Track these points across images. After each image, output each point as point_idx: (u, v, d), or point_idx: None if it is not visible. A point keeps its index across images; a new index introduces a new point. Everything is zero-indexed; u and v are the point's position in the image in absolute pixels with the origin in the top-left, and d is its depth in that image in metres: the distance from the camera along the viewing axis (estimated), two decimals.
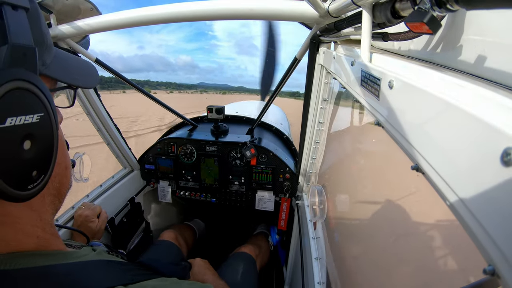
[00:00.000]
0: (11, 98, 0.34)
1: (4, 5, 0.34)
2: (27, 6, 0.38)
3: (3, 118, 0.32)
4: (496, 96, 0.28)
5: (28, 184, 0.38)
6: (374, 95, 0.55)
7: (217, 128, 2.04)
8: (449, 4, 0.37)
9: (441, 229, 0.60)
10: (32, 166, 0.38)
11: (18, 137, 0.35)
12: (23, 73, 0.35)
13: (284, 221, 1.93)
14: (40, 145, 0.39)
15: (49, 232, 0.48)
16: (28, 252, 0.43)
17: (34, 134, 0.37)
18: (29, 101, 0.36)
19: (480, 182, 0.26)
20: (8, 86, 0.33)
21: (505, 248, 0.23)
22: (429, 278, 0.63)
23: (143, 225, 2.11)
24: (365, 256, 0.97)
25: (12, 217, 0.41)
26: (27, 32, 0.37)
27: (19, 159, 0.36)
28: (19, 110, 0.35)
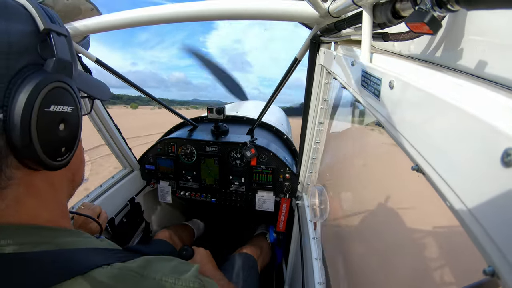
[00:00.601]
0: (55, 93, 0.48)
1: (52, 32, 0.48)
2: (66, 34, 0.53)
3: (49, 105, 0.46)
4: (497, 97, 0.28)
5: (58, 156, 0.50)
6: (374, 95, 0.55)
7: (218, 128, 2.04)
8: (449, 5, 0.37)
9: (441, 229, 0.60)
10: (63, 143, 0.51)
11: (56, 119, 0.49)
12: (64, 77, 0.50)
13: (283, 223, 1.93)
14: (69, 129, 0.52)
15: (62, 211, 0.58)
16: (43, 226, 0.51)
17: (67, 120, 0.51)
18: (66, 97, 0.51)
19: (480, 183, 0.26)
20: (54, 84, 0.47)
21: (505, 249, 0.23)
22: (429, 278, 0.63)
23: (143, 225, 2.11)
24: (365, 256, 0.97)
25: (37, 190, 0.51)
26: (67, 51, 0.52)
27: (56, 136, 0.49)
28: (59, 101, 0.49)
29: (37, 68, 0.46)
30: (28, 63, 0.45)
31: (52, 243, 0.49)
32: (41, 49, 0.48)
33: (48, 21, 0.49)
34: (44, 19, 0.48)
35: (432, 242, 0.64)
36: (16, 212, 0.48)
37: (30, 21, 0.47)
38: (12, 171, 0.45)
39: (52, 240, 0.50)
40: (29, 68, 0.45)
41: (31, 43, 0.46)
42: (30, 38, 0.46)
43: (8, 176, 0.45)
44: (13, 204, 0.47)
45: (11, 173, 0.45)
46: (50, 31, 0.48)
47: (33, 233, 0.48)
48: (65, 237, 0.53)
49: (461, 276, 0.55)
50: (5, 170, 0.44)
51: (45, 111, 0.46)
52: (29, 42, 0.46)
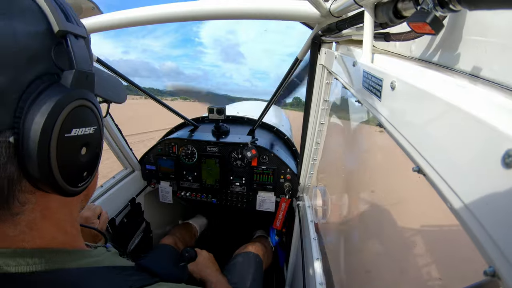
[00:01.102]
0: (77, 113, 0.41)
1: (69, 34, 0.40)
2: (85, 35, 0.45)
3: (70, 129, 0.40)
4: (498, 98, 0.28)
5: (79, 182, 0.45)
6: (375, 96, 0.55)
7: (218, 128, 2.04)
8: (451, 5, 0.36)
9: (442, 230, 0.59)
10: (85, 168, 0.46)
11: (78, 144, 0.43)
12: (86, 93, 0.43)
13: (280, 221, 1.93)
14: (92, 151, 0.46)
15: (75, 228, 0.53)
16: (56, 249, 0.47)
17: (89, 142, 0.45)
18: (89, 116, 0.44)
19: (481, 184, 0.26)
20: (75, 103, 0.40)
21: (506, 250, 0.23)
22: (429, 279, 0.63)
23: (144, 225, 2.11)
24: (366, 257, 0.97)
25: (52, 212, 0.46)
26: (87, 58, 0.44)
27: (77, 161, 0.43)
28: (82, 123, 0.43)
29: (52, 80, 0.39)
30: (40, 74, 0.38)
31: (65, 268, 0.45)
32: (56, 55, 0.40)
33: (64, 19, 0.40)
34: (60, 17, 0.39)
35: (433, 243, 0.64)
36: (31, 237, 0.43)
37: (41, 19, 0.39)
38: (25, 196, 0.40)
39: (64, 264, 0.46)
40: (43, 80, 0.38)
41: (44, 47, 0.39)
42: (42, 41, 0.38)
43: (22, 201, 0.40)
44: (27, 230, 0.42)
45: (24, 198, 0.40)
46: (67, 33, 0.40)
47: (47, 257, 0.44)
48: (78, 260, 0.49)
49: (461, 276, 0.54)
50: (18, 195, 0.39)
51: (65, 136, 0.40)
52: (41, 47, 0.38)
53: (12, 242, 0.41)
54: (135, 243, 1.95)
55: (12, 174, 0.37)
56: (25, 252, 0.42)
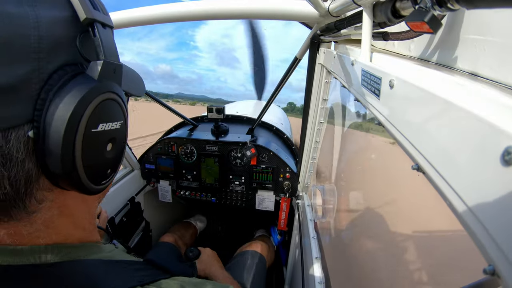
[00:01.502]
0: (103, 107, 0.39)
1: (96, 23, 0.38)
2: (112, 25, 0.42)
3: (96, 124, 0.38)
4: (497, 95, 0.28)
5: (103, 179, 0.43)
6: (374, 94, 0.55)
7: (218, 127, 2.04)
8: (449, 3, 0.37)
9: (442, 228, 0.60)
10: (109, 165, 0.43)
11: (105, 140, 0.41)
12: (113, 86, 0.40)
13: (284, 221, 1.93)
14: (117, 147, 0.44)
15: (93, 224, 0.52)
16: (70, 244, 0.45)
17: (115, 138, 0.43)
18: (116, 110, 0.42)
19: (480, 182, 0.26)
20: (102, 97, 0.38)
21: (505, 248, 0.23)
22: (429, 278, 0.63)
23: (143, 224, 2.11)
24: (366, 256, 0.97)
25: (70, 210, 0.44)
26: (115, 49, 0.41)
27: (103, 158, 0.41)
28: (109, 118, 0.40)
29: (77, 71, 0.37)
30: (64, 63, 0.36)
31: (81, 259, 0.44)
32: (81, 44, 0.37)
33: (91, 7, 0.38)
34: (87, 4, 0.37)
35: (432, 241, 0.64)
36: (47, 234, 0.41)
37: (66, 6, 0.37)
38: (43, 194, 0.38)
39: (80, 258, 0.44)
40: (66, 70, 0.36)
41: (68, 36, 0.36)
42: (67, 29, 0.36)
43: (39, 199, 0.37)
44: (43, 228, 0.40)
45: (42, 196, 0.38)
46: (94, 22, 0.38)
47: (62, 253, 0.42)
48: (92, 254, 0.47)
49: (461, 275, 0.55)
50: (36, 193, 0.37)
51: (92, 132, 0.37)
52: (65, 35, 0.36)
53: (26, 241, 0.39)
54: (134, 242, 1.95)
55: (30, 171, 0.35)
56: (40, 248, 0.40)
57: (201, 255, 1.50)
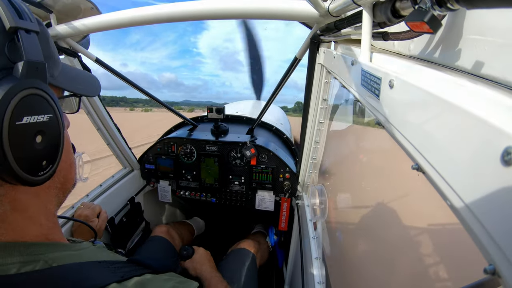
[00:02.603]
0: (27, 102, 0.42)
1: (20, 30, 0.43)
2: (37, 30, 0.46)
3: (21, 117, 0.41)
4: (497, 96, 0.28)
5: (39, 171, 0.46)
6: (374, 94, 0.55)
7: (217, 127, 2.04)
8: (449, 3, 0.37)
9: (442, 228, 0.60)
10: (42, 156, 0.46)
11: (31, 132, 0.43)
12: (35, 82, 0.44)
13: (285, 222, 1.93)
14: (49, 140, 0.47)
15: (52, 221, 0.54)
16: (30, 243, 0.48)
17: (44, 131, 0.46)
18: (41, 104, 0.45)
19: (480, 181, 0.26)
20: (24, 92, 0.42)
21: (506, 247, 0.23)
22: (429, 278, 0.63)
23: (143, 224, 2.11)
24: (365, 256, 0.97)
25: (22, 204, 0.47)
26: (38, 50, 0.46)
27: (32, 149, 0.44)
28: (33, 111, 0.43)
29: (5, 74, 0.41)
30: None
31: (42, 260, 0.46)
32: (9, 51, 0.42)
33: (16, 17, 0.43)
34: (11, 15, 0.42)
35: (432, 241, 0.64)
36: (4, 230, 0.45)
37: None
38: None
39: (41, 257, 0.47)
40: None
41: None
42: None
43: None
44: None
45: None
46: (18, 29, 0.42)
47: (21, 251, 0.45)
48: (55, 252, 0.50)
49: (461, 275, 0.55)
50: None
51: (17, 124, 0.41)
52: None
53: None
54: (134, 242, 1.95)
55: None
56: (1, 245, 0.44)
57: (194, 254, 1.52)
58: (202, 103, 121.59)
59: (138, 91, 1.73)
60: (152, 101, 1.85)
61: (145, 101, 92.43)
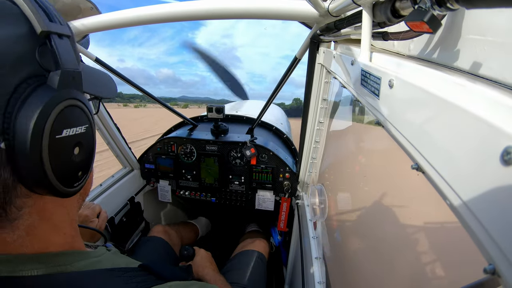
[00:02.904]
0: (66, 114, 0.41)
1: (52, 34, 0.40)
2: (69, 34, 0.44)
3: (60, 130, 0.40)
4: (496, 95, 0.28)
5: (75, 182, 0.45)
6: (374, 94, 0.55)
7: (217, 127, 2.04)
8: (449, 3, 0.37)
9: (442, 228, 0.60)
10: (79, 167, 0.45)
11: (71, 144, 0.43)
12: (74, 93, 0.43)
13: (284, 222, 1.94)
14: (85, 150, 0.46)
15: (74, 229, 0.53)
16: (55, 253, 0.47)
17: (82, 142, 0.45)
18: (79, 116, 0.44)
19: (480, 181, 0.26)
20: (63, 104, 0.40)
21: (506, 247, 0.23)
22: (429, 277, 0.63)
23: (143, 224, 2.11)
24: (365, 256, 0.97)
25: (48, 213, 0.46)
26: (73, 57, 0.43)
27: (71, 162, 0.43)
28: (72, 123, 0.42)
29: (39, 82, 0.39)
30: (26, 76, 0.38)
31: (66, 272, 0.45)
32: (41, 56, 0.39)
33: (47, 20, 0.40)
34: (42, 18, 0.39)
35: (432, 240, 0.64)
36: (29, 242, 0.43)
37: (23, 21, 0.38)
38: (22, 201, 0.40)
39: (67, 267, 0.46)
40: (29, 83, 0.38)
41: (28, 50, 0.38)
42: (26, 44, 0.38)
43: (18, 206, 0.40)
44: (25, 234, 0.42)
45: (21, 202, 0.40)
46: (50, 34, 0.40)
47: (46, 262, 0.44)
48: (80, 261, 0.49)
49: (461, 274, 0.55)
50: (15, 201, 0.39)
51: (56, 138, 0.39)
52: (25, 50, 0.38)
53: (12, 248, 0.41)
54: (134, 241, 1.95)
55: (6, 180, 0.37)
56: (25, 257, 0.42)
57: (196, 256, 1.50)
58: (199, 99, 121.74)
59: (139, 91, 1.73)
60: (148, 98, 1.85)
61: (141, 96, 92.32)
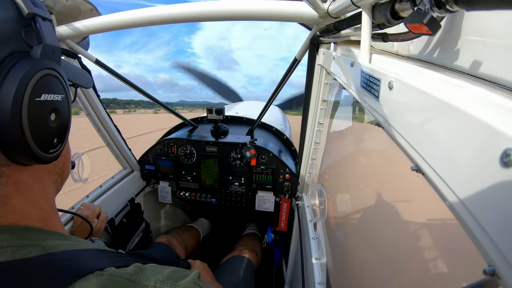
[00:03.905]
0: (45, 80, 0.46)
1: (37, 16, 0.46)
2: (51, 18, 0.50)
3: (40, 94, 0.44)
4: (496, 97, 0.29)
5: (50, 148, 0.48)
6: (373, 95, 0.55)
7: (217, 128, 2.04)
8: (448, 5, 0.37)
9: (441, 229, 0.60)
10: (55, 133, 0.49)
11: (48, 109, 0.47)
12: (53, 64, 0.48)
13: (285, 222, 1.94)
14: (61, 118, 0.50)
15: (51, 207, 0.55)
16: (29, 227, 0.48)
17: (58, 109, 0.49)
18: (57, 85, 0.49)
19: (479, 183, 0.26)
20: (44, 72, 0.45)
21: (505, 249, 0.23)
22: (429, 278, 0.63)
23: (143, 225, 2.11)
24: (365, 256, 0.97)
25: (25, 187, 0.48)
26: (54, 36, 0.50)
27: (48, 126, 0.47)
28: (50, 89, 0.47)
29: (23, 56, 0.44)
30: (12, 51, 0.43)
31: (39, 245, 0.45)
32: (26, 35, 0.45)
33: (31, 5, 0.46)
34: (27, 2, 0.46)
35: (432, 242, 0.65)
36: (3, 212, 0.45)
37: (12, 5, 0.45)
38: (0, 170, 0.43)
39: (39, 242, 0.46)
40: (14, 56, 0.43)
41: (15, 29, 0.44)
42: (14, 24, 0.44)
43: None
44: (0, 205, 0.44)
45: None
46: (35, 16, 0.46)
47: (18, 235, 0.45)
48: (54, 240, 0.49)
49: (461, 276, 0.55)
50: None
51: (36, 100, 0.44)
52: (13, 29, 0.44)
53: None
54: (134, 243, 1.95)
55: None
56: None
57: (191, 268, 1.48)
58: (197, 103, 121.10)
59: (140, 93, 1.73)
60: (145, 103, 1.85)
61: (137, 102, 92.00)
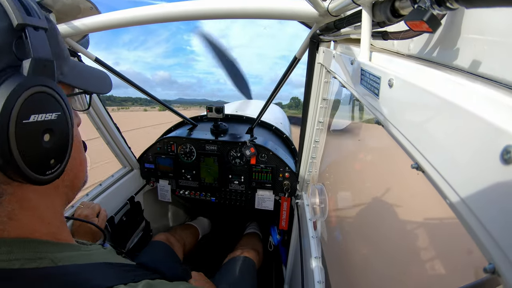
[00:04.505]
0: (34, 100, 0.41)
1: (28, 27, 0.42)
2: (46, 27, 0.46)
3: (28, 115, 0.41)
4: (496, 94, 0.28)
5: (47, 170, 0.45)
6: (373, 93, 0.55)
7: (217, 127, 2.04)
8: (449, 3, 0.37)
9: (442, 227, 0.60)
10: (50, 155, 0.45)
11: (39, 130, 0.43)
12: (43, 79, 0.43)
13: (285, 221, 1.94)
14: (57, 138, 0.46)
15: (59, 220, 0.54)
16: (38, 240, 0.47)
17: (52, 129, 0.45)
18: (48, 102, 0.44)
19: (480, 180, 0.26)
20: (31, 90, 0.41)
21: (506, 247, 0.23)
22: (429, 277, 0.63)
23: (143, 224, 2.11)
24: (365, 255, 0.97)
25: (31, 203, 0.46)
26: (46, 47, 0.45)
27: (40, 148, 0.43)
28: (40, 109, 0.43)
29: (13, 72, 0.41)
30: (3, 67, 0.40)
31: (48, 258, 0.45)
32: (17, 48, 0.42)
33: (24, 14, 0.42)
34: (19, 12, 0.41)
35: (432, 240, 0.64)
36: (11, 227, 0.44)
37: (3, 16, 0.41)
38: (1, 187, 0.42)
39: (47, 255, 0.45)
40: (6, 72, 0.40)
41: (5, 42, 0.41)
42: (3, 36, 0.41)
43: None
44: (6, 220, 0.43)
45: (1, 189, 0.42)
46: (26, 26, 0.42)
47: (27, 247, 0.44)
48: (63, 252, 0.48)
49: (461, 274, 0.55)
50: None
51: (24, 123, 0.40)
52: (4, 42, 0.41)
53: None
54: (134, 241, 1.95)
55: None
56: (6, 241, 0.43)
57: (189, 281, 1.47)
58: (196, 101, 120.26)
59: (139, 91, 1.73)
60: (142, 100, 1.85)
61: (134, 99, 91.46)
